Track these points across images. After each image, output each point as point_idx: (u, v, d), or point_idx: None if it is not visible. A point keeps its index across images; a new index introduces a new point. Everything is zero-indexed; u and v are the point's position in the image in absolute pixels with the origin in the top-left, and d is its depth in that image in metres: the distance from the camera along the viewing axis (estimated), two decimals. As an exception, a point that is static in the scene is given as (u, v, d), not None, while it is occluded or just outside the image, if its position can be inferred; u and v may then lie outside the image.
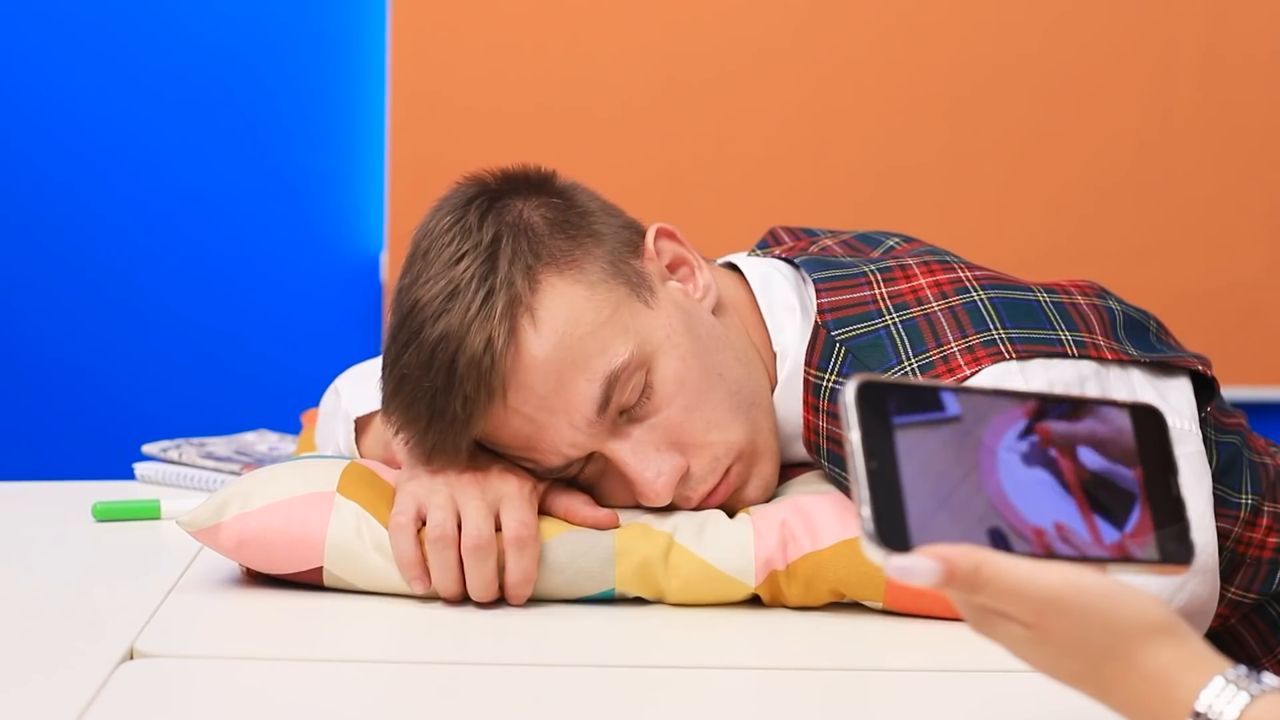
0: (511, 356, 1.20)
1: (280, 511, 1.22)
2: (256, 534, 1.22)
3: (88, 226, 2.94)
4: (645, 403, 1.24)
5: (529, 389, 1.21)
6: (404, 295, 1.25)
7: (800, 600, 1.22)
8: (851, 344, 1.27)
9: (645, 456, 1.24)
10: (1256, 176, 2.96)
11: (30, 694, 1.01)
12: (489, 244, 1.23)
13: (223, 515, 1.23)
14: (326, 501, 1.23)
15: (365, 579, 1.22)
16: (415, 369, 1.21)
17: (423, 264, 1.24)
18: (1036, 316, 1.25)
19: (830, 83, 2.88)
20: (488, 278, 1.21)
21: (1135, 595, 0.79)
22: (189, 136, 2.94)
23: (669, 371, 1.24)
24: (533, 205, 1.26)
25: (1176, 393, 1.25)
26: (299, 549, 1.22)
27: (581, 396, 1.22)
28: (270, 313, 2.97)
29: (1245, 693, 0.77)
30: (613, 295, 1.24)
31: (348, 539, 1.22)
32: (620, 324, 1.23)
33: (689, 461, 1.25)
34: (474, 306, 1.20)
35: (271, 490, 1.24)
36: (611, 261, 1.26)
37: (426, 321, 1.21)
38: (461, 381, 1.20)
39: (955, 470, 0.80)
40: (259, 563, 1.23)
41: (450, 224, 1.25)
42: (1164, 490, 0.84)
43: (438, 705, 1.04)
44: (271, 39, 2.93)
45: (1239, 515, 1.28)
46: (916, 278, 1.30)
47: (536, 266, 1.23)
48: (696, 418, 1.25)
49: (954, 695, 1.07)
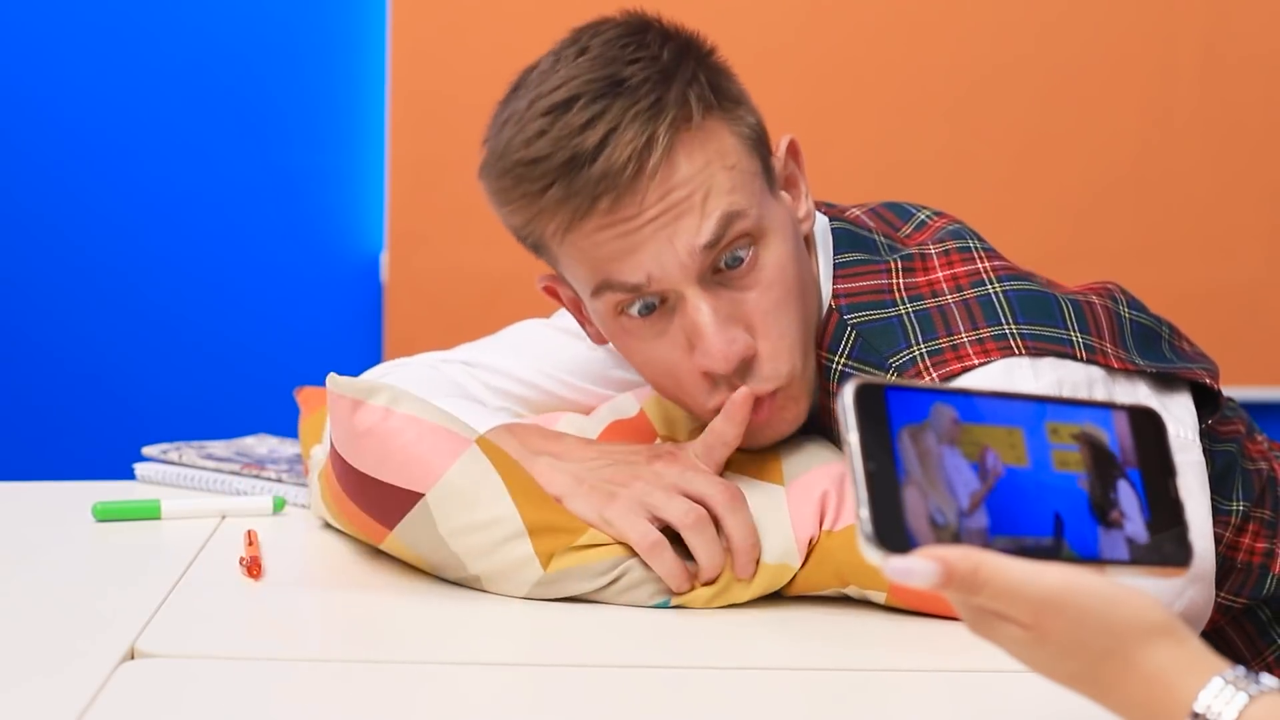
0: (664, 164, 1.19)
1: (424, 427, 1.22)
2: (389, 431, 1.22)
3: (88, 227, 2.95)
4: (745, 274, 1.23)
5: (660, 199, 1.19)
6: (537, 78, 1.23)
7: (805, 582, 1.21)
8: (863, 328, 1.26)
9: (723, 322, 1.22)
10: (1256, 176, 2.96)
11: (30, 694, 1.01)
12: (668, 62, 1.22)
13: (371, 397, 1.23)
14: (463, 444, 1.22)
15: (447, 527, 1.20)
16: (550, 139, 1.19)
17: (574, 52, 1.22)
18: (1051, 313, 1.24)
19: (830, 82, 2.88)
20: (659, 87, 1.20)
21: (1133, 596, 0.79)
22: (189, 136, 2.94)
23: (774, 258, 1.23)
24: (708, 59, 1.26)
25: (1180, 406, 1.25)
26: (415, 468, 1.21)
27: (698, 225, 1.20)
28: (270, 313, 2.97)
29: (1244, 693, 0.77)
30: (752, 163, 1.24)
31: (463, 485, 1.20)
32: (754, 189, 1.23)
33: (759, 355, 1.23)
34: (641, 105, 1.19)
35: (421, 407, 1.24)
36: (755, 132, 1.26)
37: (577, 101, 1.19)
38: (603, 174, 1.18)
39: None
40: (369, 463, 1.23)
41: (621, 35, 1.23)
42: (1163, 492, 0.84)
43: (438, 705, 1.04)
44: (271, 39, 2.93)
45: (1230, 521, 1.29)
46: (935, 270, 1.29)
47: (708, 101, 1.22)
48: (781, 318, 1.23)
49: (954, 695, 1.07)
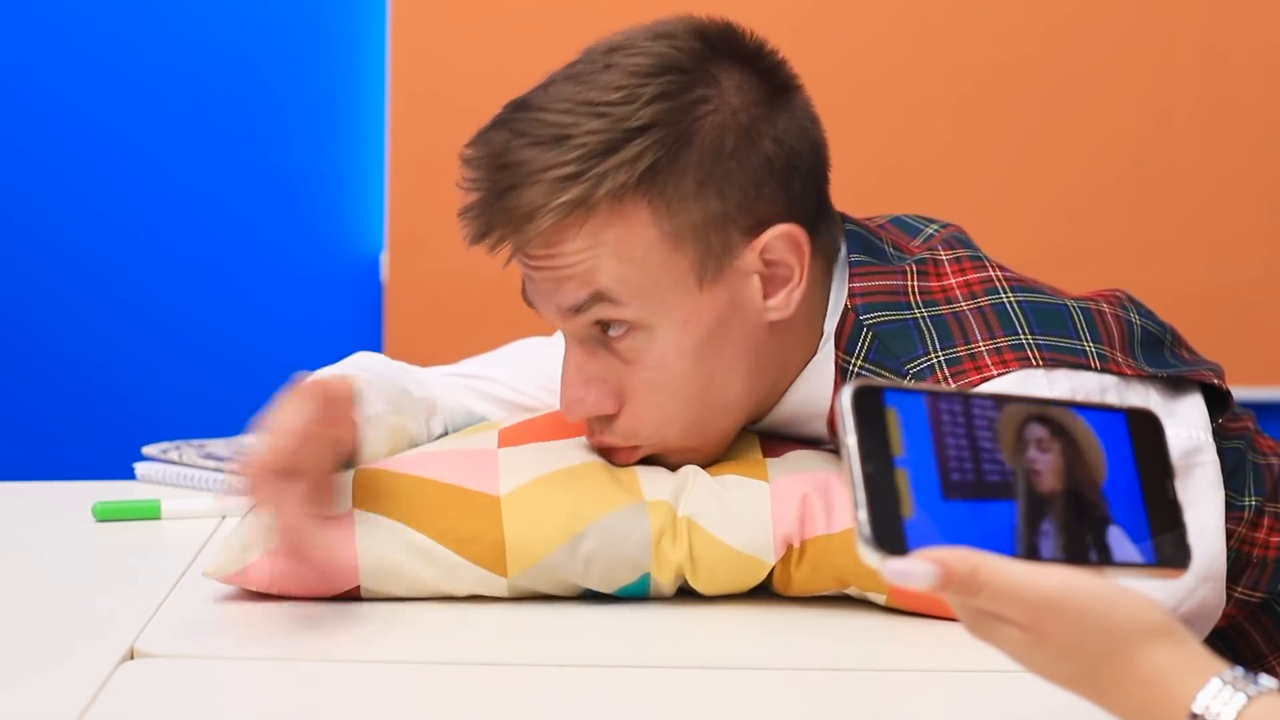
0: (551, 231, 1.18)
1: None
2: (286, 570, 1.20)
3: (88, 226, 2.94)
4: (624, 350, 1.22)
5: (545, 257, 1.20)
6: (546, 82, 1.24)
7: (804, 584, 1.21)
8: (880, 329, 1.26)
9: (585, 380, 1.23)
10: (1256, 176, 2.95)
11: (30, 694, 1.01)
12: (636, 126, 1.19)
13: (248, 558, 1.21)
14: (347, 521, 1.22)
15: (404, 588, 1.21)
16: (485, 159, 1.21)
17: (588, 68, 1.23)
18: (1064, 324, 1.24)
19: (829, 82, 2.87)
20: (590, 159, 1.18)
21: (1132, 598, 0.79)
22: (189, 136, 2.94)
23: (660, 349, 1.22)
24: (717, 113, 1.21)
25: (1191, 409, 1.25)
26: (333, 575, 1.20)
27: (573, 292, 1.20)
28: (270, 313, 2.97)
29: (1242, 694, 0.77)
30: (671, 256, 1.20)
31: (379, 554, 1.20)
32: (658, 283, 1.20)
33: (620, 416, 1.24)
34: (556, 172, 1.18)
35: (292, 531, 1.21)
36: (708, 223, 1.20)
37: (522, 137, 1.20)
38: (507, 211, 1.19)
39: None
40: (296, 593, 1.21)
41: (637, 69, 1.21)
42: (1161, 494, 0.84)
43: (438, 705, 1.04)
44: (271, 39, 2.93)
45: (1243, 516, 1.29)
46: (947, 276, 1.29)
47: (645, 184, 1.18)
48: (652, 396, 1.23)
49: (954, 695, 1.07)
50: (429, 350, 1.58)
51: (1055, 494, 0.82)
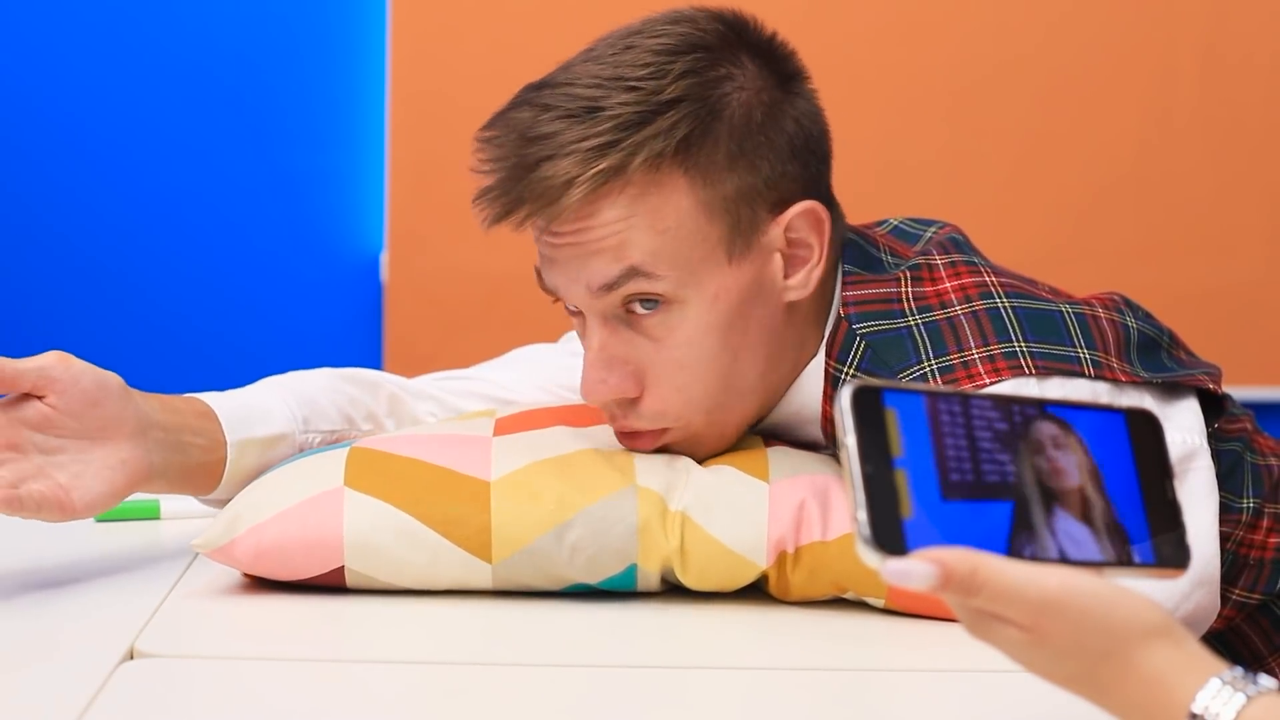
0: (585, 204, 1.18)
1: (293, 517, 1.21)
2: (273, 544, 1.20)
3: (88, 226, 2.95)
4: (652, 327, 1.22)
5: (576, 232, 1.19)
6: (566, 64, 1.24)
7: (801, 589, 1.21)
8: (873, 339, 1.26)
9: (606, 360, 1.23)
10: (1256, 176, 2.96)
11: (30, 694, 1.01)
12: (666, 100, 1.19)
13: (235, 531, 1.21)
14: (337, 498, 1.22)
15: (388, 572, 1.21)
16: (511, 137, 1.21)
17: (608, 49, 1.23)
18: (1058, 330, 1.24)
19: (829, 82, 2.88)
20: (624, 130, 1.18)
21: (1131, 598, 0.79)
22: (189, 136, 2.94)
23: (689, 325, 1.22)
24: (742, 90, 1.22)
25: (1187, 413, 1.25)
26: (318, 552, 1.20)
27: (604, 268, 1.20)
28: (270, 313, 2.97)
29: (1241, 694, 0.77)
30: (704, 227, 1.20)
31: (365, 533, 1.20)
32: (690, 256, 1.20)
33: (644, 398, 1.23)
34: (590, 142, 1.18)
35: (279, 497, 1.23)
36: (740, 196, 1.21)
37: (549, 111, 1.20)
38: (536, 188, 1.18)
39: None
40: (279, 572, 1.21)
41: (661, 49, 1.21)
42: (1160, 494, 0.84)
43: (438, 705, 1.04)
44: (271, 39, 2.93)
45: (1240, 519, 1.28)
46: (942, 280, 1.28)
47: (679, 154, 1.19)
48: (678, 377, 1.23)
49: (954, 695, 1.07)
50: (429, 350, 1.57)
51: (1055, 494, 0.82)
